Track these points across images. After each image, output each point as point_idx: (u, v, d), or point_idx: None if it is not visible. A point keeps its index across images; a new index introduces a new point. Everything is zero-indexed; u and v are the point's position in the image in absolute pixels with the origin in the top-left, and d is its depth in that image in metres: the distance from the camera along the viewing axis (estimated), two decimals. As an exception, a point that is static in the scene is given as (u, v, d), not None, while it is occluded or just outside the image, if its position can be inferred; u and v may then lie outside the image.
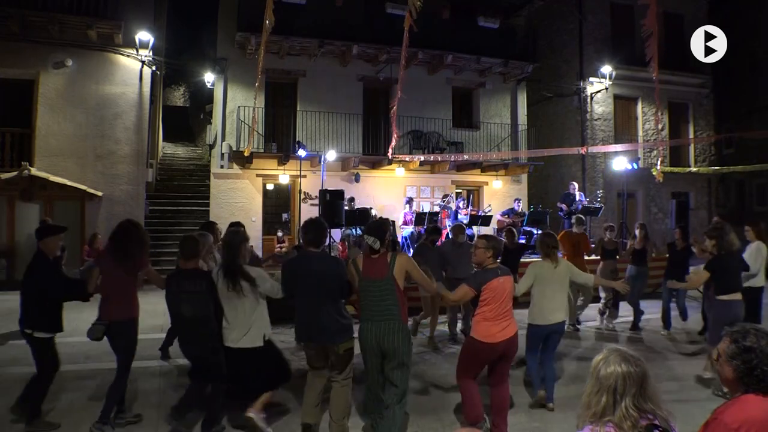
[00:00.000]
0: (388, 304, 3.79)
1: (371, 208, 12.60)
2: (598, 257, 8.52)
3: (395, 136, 9.79)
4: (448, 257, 7.11)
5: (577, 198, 13.19)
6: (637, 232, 8.39)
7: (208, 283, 3.96)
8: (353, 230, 12.00)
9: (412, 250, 11.50)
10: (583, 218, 8.81)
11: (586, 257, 8.42)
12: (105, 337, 4.17)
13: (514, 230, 8.72)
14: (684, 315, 8.08)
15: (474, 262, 4.30)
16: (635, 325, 7.99)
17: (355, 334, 3.95)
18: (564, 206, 13.04)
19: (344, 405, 3.98)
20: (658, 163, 8.26)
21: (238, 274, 3.85)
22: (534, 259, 8.64)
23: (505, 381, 4.16)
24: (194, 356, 4.11)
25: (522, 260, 8.55)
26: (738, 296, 5.25)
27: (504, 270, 4.15)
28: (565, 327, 5.22)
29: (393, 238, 12.05)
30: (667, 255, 8.25)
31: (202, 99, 19.09)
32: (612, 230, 8.56)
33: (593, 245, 8.82)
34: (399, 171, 14.66)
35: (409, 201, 13.75)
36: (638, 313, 8.02)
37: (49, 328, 4.23)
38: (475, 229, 12.91)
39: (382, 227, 3.98)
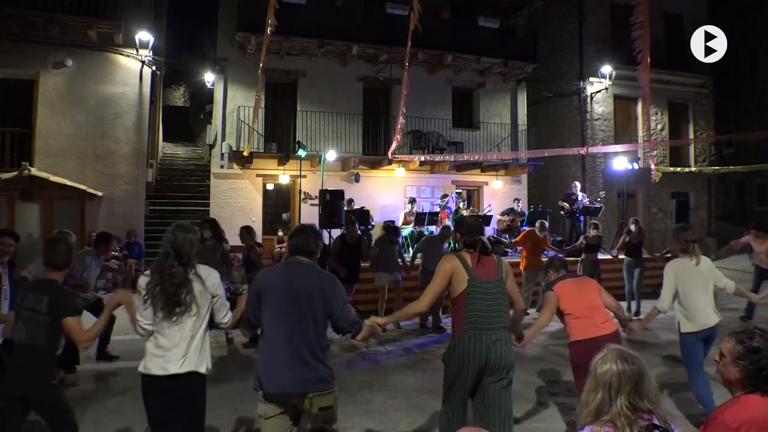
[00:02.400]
0: (500, 310, 3.19)
1: (363, 207, 12.60)
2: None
3: (398, 136, 9.78)
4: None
5: (579, 198, 13.19)
6: (632, 227, 8.87)
7: (50, 302, 2.99)
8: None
9: (412, 250, 11.53)
10: (547, 224, 9.42)
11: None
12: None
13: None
14: None
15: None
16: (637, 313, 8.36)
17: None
18: (566, 205, 13.03)
19: None
20: (652, 164, 8.33)
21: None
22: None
23: None
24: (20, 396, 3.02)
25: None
26: None
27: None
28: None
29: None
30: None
31: (202, 99, 19.09)
32: (596, 228, 9.44)
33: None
34: (399, 171, 14.65)
35: (412, 201, 13.70)
36: (639, 302, 8.56)
37: None
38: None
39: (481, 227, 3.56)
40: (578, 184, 13.76)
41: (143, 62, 12.78)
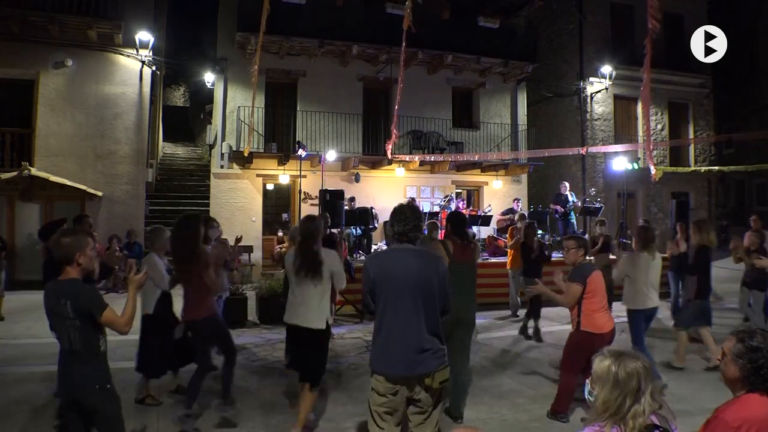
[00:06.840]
0: (472, 282, 4.55)
1: (370, 207, 12.61)
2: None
3: (394, 136, 9.77)
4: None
5: (570, 198, 13.14)
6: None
7: (74, 301, 2.72)
8: (353, 230, 12.00)
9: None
10: (526, 216, 9.47)
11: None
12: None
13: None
14: None
15: (568, 263, 4.53)
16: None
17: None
18: (559, 208, 12.98)
19: None
20: (651, 166, 8.30)
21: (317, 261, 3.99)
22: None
23: None
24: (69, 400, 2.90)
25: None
26: None
27: (594, 266, 4.67)
28: None
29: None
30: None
31: (202, 99, 19.10)
32: (603, 224, 9.12)
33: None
34: (399, 171, 14.65)
35: (411, 201, 13.73)
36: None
37: None
38: (475, 228, 12.92)
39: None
40: (567, 185, 13.58)
41: (143, 62, 12.78)
